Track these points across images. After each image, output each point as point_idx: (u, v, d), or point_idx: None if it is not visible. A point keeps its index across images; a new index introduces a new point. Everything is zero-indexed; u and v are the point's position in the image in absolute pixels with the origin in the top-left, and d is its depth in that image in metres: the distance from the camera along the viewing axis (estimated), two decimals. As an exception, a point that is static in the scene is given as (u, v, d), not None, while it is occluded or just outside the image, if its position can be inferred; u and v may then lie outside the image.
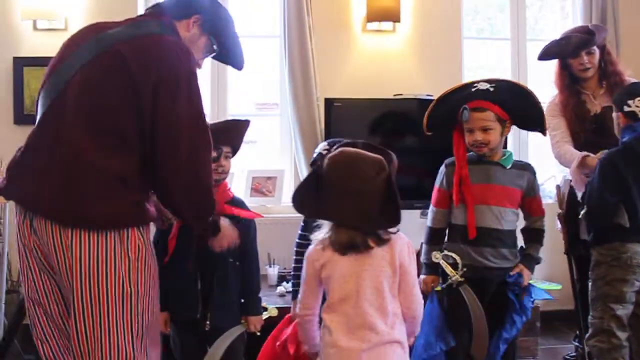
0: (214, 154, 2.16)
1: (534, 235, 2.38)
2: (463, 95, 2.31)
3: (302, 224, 2.50)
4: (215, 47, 1.93)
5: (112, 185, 1.60)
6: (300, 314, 1.87)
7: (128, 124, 1.62)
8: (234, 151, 2.35)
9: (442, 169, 2.41)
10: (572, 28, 3.06)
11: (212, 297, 2.22)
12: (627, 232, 2.37)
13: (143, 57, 1.62)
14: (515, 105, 2.27)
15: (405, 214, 4.04)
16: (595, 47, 2.92)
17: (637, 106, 2.38)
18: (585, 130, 2.92)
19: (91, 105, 1.62)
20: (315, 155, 2.53)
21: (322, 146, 2.45)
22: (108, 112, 1.62)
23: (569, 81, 3.00)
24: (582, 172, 2.72)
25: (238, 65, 2.08)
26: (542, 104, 2.35)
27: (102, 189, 1.59)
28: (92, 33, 1.71)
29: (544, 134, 2.41)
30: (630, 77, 2.95)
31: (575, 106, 2.95)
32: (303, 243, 2.48)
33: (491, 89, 2.26)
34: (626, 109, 2.40)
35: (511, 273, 2.30)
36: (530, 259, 2.34)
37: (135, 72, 1.60)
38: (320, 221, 1.83)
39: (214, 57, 2.01)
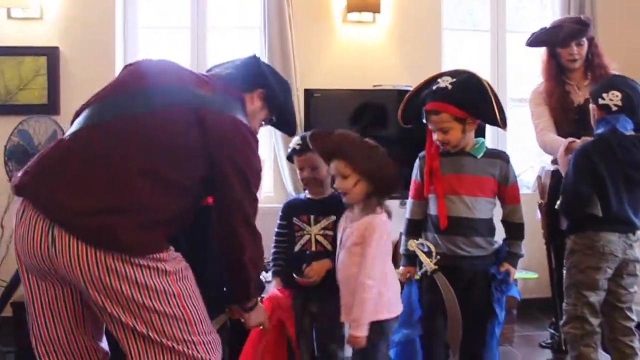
0: None
1: (515, 231, 2.39)
2: (428, 92, 2.29)
3: (280, 214, 2.51)
4: (273, 119, 2.04)
5: (149, 222, 1.62)
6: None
7: (189, 178, 1.68)
8: None
9: (417, 161, 2.43)
10: (564, 17, 3.04)
11: (199, 286, 2.23)
12: (600, 221, 2.41)
13: (221, 136, 1.68)
14: (470, 102, 2.25)
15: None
16: (584, 39, 2.92)
17: (611, 99, 2.41)
18: (568, 120, 2.94)
19: (160, 149, 1.64)
20: (290, 150, 2.53)
21: (295, 141, 2.45)
22: (177, 161, 1.66)
23: (556, 70, 3.00)
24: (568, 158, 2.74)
25: (289, 133, 2.26)
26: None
27: (139, 222, 1.59)
28: (172, 78, 1.77)
29: (504, 128, 2.36)
30: (615, 71, 2.95)
31: (560, 96, 2.96)
32: (281, 232, 2.50)
33: (449, 87, 2.23)
34: (600, 101, 2.43)
35: (500, 271, 2.33)
36: (514, 257, 2.37)
37: (210, 146, 1.67)
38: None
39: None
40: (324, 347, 2.39)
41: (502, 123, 2.27)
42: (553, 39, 2.95)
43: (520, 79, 4.23)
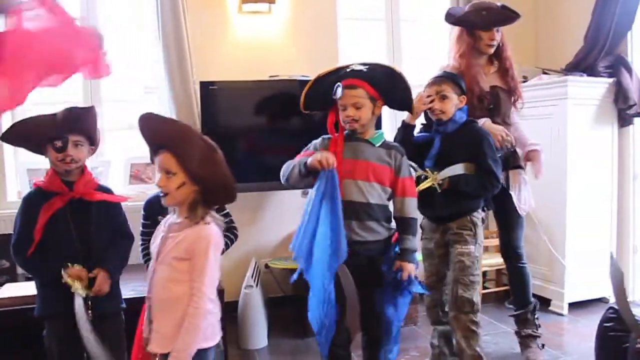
0: (58, 144, 2.19)
1: (406, 226, 2.39)
2: (339, 76, 2.36)
3: (143, 212, 2.57)
4: None
5: None
6: None
7: None
8: (91, 141, 2.29)
9: (319, 139, 2.43)
10: (488, 1, 2.93)
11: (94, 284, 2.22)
12: None
13: None
14: (386, 85, 2.35)
15: (287, 194, 4.09)
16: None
17: None
18: (474, 106, 2.88)
19: None
20: None
21: None
22: None
23: (470, 49, 2.94)
24: None
25: None
26: (412, 88, 2.42)
27: None
28: None
29: (412, 113, 2.56)
30: (514, 63, 2.99)
31: (474, 75, 2.91)
32: (147, 232, 2.51)
33: (365, 70, 2.34)
34: None
35: (394, 269, 2.34)
36: (406, 253, 2.36)
37: None
38: None
39: None
40: None
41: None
42: (481, 21, 2.88)
43: (414, 66, 4.36)
